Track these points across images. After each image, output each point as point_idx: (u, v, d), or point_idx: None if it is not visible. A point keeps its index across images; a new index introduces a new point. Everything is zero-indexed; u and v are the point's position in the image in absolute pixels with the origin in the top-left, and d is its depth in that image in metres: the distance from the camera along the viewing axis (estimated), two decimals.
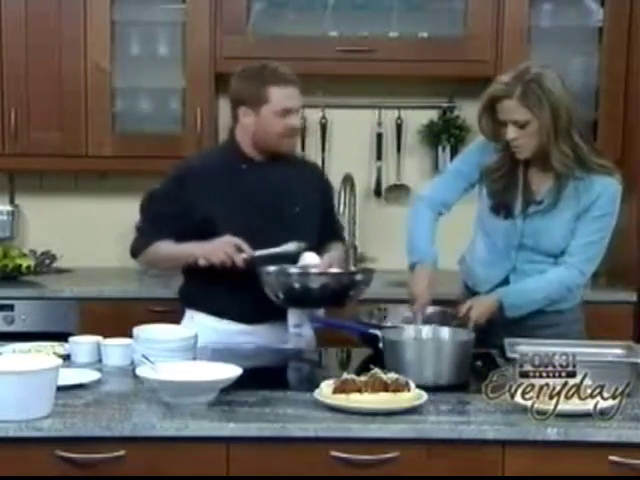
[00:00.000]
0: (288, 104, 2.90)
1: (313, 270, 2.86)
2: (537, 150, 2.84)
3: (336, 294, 2.83)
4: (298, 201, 2.99)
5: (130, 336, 2.89)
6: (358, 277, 2.91)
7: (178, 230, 2.90)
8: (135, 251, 3.03)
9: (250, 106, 2.90)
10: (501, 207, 2.96)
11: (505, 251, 2.98)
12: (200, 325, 2.93)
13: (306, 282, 2.80)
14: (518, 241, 2.94)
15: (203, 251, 2.85)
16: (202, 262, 2.85)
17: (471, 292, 3.06)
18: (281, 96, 2.89)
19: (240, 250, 2.83)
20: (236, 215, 2.92)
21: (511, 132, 2.82)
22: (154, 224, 2.95)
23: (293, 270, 2.87)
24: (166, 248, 2.94)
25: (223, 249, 2.83)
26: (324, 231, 3.06)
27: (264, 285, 2.85)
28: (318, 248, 2.97)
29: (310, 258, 2.92)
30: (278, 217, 2.94)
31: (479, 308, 2.87)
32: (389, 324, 2.92)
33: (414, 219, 3.08)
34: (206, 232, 2.87)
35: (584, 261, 2.92)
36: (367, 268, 3.11)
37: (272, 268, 2.86)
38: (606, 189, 2.90)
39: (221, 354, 2.78)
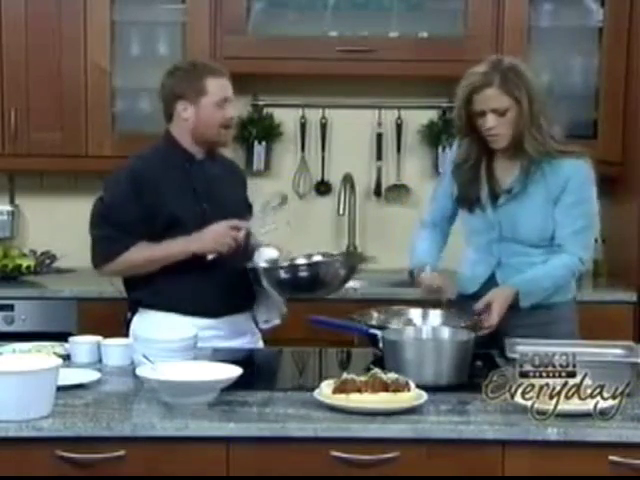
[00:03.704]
0: (226, 93, 2.96)
1: (301, 261, 2.98)
2: (513, 138, 2.87)
3: (330, 279, 2.93)
4: (234, 195, 3.05)
5: (127, 335, 2.90)
6: (347, 260, 3.06)
7: (146, 233, 2.89)
8: (104, 260, 2.92)
9: (189, 100, 2.94)
10: (466, 200, 2.99)
11: (487, 247, 2.99)
12: (157, 323, 2.90)
13: (310, 272, 2.90)
14: (497, 234, 2.96)
15: (203, 244, 2.86)
16: (211, 257, 2.86)
17: (462, 297, 3.05)
18: (218, 86, 2.95)
19: (237, 229, 2.87)
20: (196, 212, 2.94)
21: (490, 121, 2.85)
22: (121, 231, 2.88)
23: (285, 264, 2.95)
24: (147, 251, 2.89)
25: (226, 235, 2.85)
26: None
27: (260, 280, 2.92)
28: None
29: (270, 252, 3.01)
30: (227, 212, 2.95)
31: (500, 300, 2.85)
32: (390, 324, 2.92)
33: (413, 240, 3.14)
34: (172, 231, 2.89)
35: (580, 249, 2.93)
36: (353, 252, 3.19)
37: (264, 264, 2.94)
38: (576, 172, 2.91)
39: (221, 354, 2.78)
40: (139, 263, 2.91)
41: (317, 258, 3.03)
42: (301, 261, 3.00)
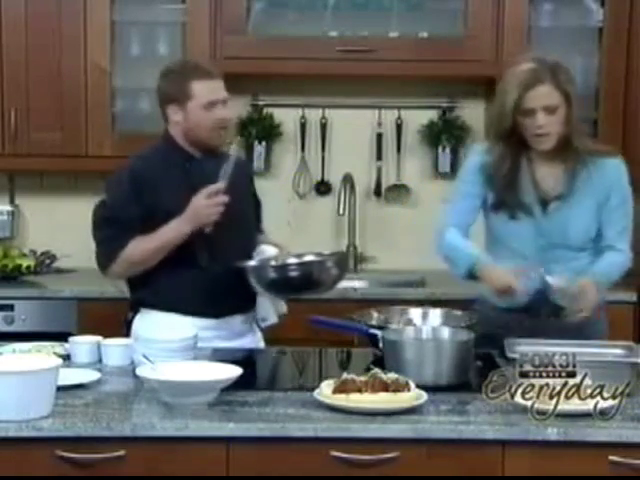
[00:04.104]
0: (212, 97, 2.93)
1: (290, 260, 2.97)
2: (561, 137, 2.84)
3: (319, 280, 2.92)
4: (238, 193, 3.01)
5: (127, 335, 2.90)
6: (338, 260, 3.01)
7: (144, 232, 2.88)
8: (106, 261, 2.92)
9: (177, 104, 2.93)
10: (505, 206, 2.92)
11: (534, 255, 2.89)
12: (158, 323, 2.90)
13: (299, 272, 2.90)
14: (546, 240, 2.89)
15: (194, 221, 2.85)
16: (209, 229, 2.87)
17: (502, 310, 2.95)
18: (204, 90, 2.92)
19: (215, 193, 2.86)
20: None
21: (541, 119, 2.80)
22: (121, 229, 2.88)
23: (273, 264, 2.95)
24: (141, 244, 2.88)
25: (208, 204, 2.85)
26: (256, 216, 3.20)
27: (248, 279, 2.90)
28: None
29: (270, 251, 3.02)
30: (229, 209, 2.92)
31: (593, 286, 2.79)
32: (390, 324, 2.92)
33: (445, 241, 2.92)
34: None
35: (625, 244, 2.95)
36: (340, 252, 3.16)
37: (253, 263, 2.95)
38: (618, 172, 2.93)
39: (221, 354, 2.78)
40: (137, 258, 2.90)
41: (308, 258, 3.02)
42: (291, 260, 2.98)
